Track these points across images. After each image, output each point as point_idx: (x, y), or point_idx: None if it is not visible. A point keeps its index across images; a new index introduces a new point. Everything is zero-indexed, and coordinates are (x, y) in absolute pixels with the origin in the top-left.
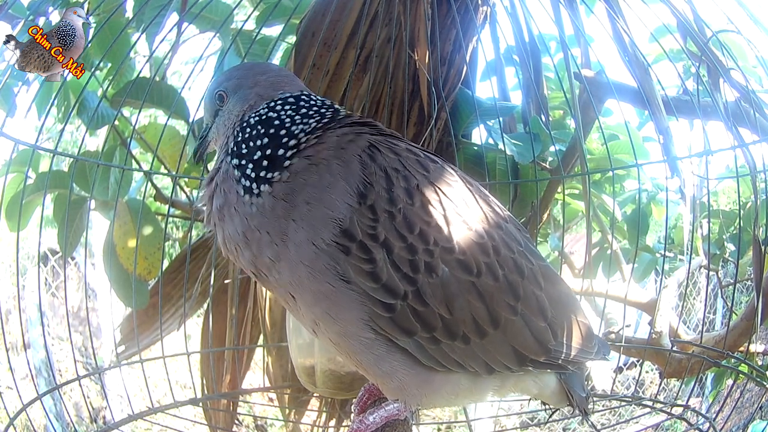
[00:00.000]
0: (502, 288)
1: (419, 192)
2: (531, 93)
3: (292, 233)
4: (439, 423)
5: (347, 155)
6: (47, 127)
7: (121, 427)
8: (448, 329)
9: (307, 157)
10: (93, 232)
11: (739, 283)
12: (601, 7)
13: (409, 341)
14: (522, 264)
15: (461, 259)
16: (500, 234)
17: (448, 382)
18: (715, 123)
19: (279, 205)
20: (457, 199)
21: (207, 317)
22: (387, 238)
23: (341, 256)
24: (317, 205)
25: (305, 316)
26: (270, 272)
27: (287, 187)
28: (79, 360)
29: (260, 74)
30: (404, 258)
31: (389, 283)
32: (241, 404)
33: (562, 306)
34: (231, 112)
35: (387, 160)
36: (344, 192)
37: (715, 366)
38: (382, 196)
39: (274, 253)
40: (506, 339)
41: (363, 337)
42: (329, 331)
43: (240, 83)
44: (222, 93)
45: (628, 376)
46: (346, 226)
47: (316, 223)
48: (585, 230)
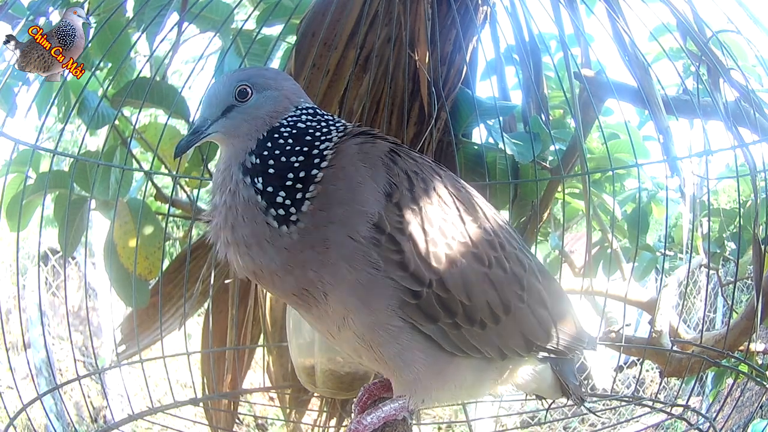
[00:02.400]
0: (510, 279)
1: (436, 193)
2: (531, 92)
3: (332, 235)
4: (439, 423)
5: (371, 159)
6: (47, 127)
7: (121, 426)
8: (467, 315)
9: (332, 166)
10: (93, 231)
11: (739, 282)
12: (601, 7)
13: (433, 327)
14: (523, 259)
15: (475, 252)
16: (503, 232)
17: (457, 371)
18: (715, 123)
19: (317, 216)
20: (466, 201)
21: (207, 317)
22: (412, 231)
23: (374, 247)
24: (351, 204)
25: (334, 313)
26: (314, 287)
27: (322, 197)
28: (79, 360)
29: (285, 80)
30: (428, 249)
31: (416, 272)
32: (242, 404)
33: (557, 297)
34: (257, 111)
35: (407, 164)
36: (373, 190)
37: (715, 365)
38: (405, 195)
39: (318, 263)
40: (516, 325)
41: (391, 325)
42: (359, 322)
43: (268, 83)
44: (247, 88)
45: (628, 375)
46: (376, 220)
47: (352, 219)
48: (585, 229)
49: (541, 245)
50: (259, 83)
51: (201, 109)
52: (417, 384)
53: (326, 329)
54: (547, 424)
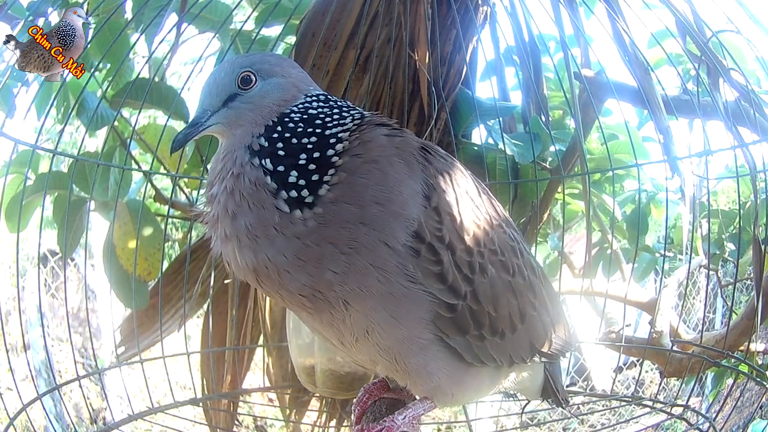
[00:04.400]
0: (527, 286)
1: (468, 196)
2: (531, 93)
3: (362, 237)
4: (439, 423)
5: (405, 155)
6: (47, 128)
7: (121, 427)
8: (492, 326)
9: (358, 155)
10: (93, 233)
11: (738, 283)
12: (601, 8)
13: (461, 340)
14: (534, 264)
15: (502, 260)
16: (518, 236)
17: (475, 379)
18: (715, 123)
19: (341, 209)
20: (491, 204)
21: (207, 317)
22: (451, 240)
23: (411, 258)
24: (388, 204)
25: (354, 324)
26: (331, 291)
27: (348, 188)
28: (78, 361)
29: (292, 67)
30: (464, 260)
31: (454, 284)
32: (242, 404)
33: (555, 301)
34: (263, 100)
35: (441, 163)
36: (413, 192)
37: (715, 365)
38: (443, 198)
39: (339, 265)
40: (527, 333)
41: (421, 338)
42: (385, 336)
43: (273, 70)
44: (250, 74)
45: (628, 376)
46: (416, 227)
47: (388, 223)
48: (585, 230)
49: (541, 246)
50: (264, 69)
51: (200, 99)
52: (438, 390)
53: (337, 338)
54: (547, 425)
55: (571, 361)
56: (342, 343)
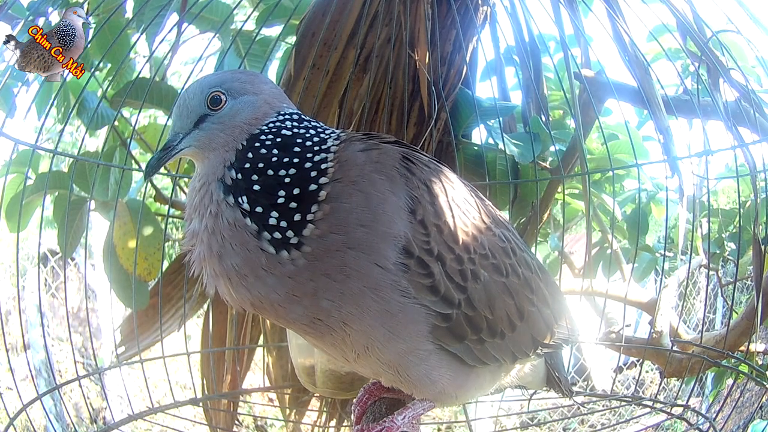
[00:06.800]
0: (523, 284)
1: (455, 203)
2: (531, 93)
3: (352, 262)
4: (439, 423)
5: (385, 169)
6: (47, 128)
7: (121, 427)
8: (491, 328)
9: (338, 180)
10: (93, 232)
11: (739, 283)
12: (601, 7)
13: (460, 346)
14: (529, 260)
15: (494, 263)
16: (510, 234)
17: (477, 378)
18: (715, 123)
19: (329, 240)
20: (479, 207)
21: (207, 317)
22: (440, 251)
23: (403, 274)
24: (374, 225)
25: (355, 342)
26: (328, 317)
27: (332, 218)
28: (78, 360)
29: (263, 83)
30: (455, 269)
31: (446, 295)
32: (242, 404)
33: (555, 292)
34: (233, 119)
35: (424, 172)
36: (397, 208)
37: (715, 366)
38: (428, 210)
39: (334, 293)
40: (528, 329)
41: (421, 350)
42: (386, 350)
43: (244, 87)
44: (219, 94)
45: (628, 376)
46: (404, 243)
47: (376, 244)
48: (585, 230)
49: (541, 246)
50: (233, 88)
51: (172, 122)
52: (441, 394)
53: (342, 356)
54: (547, 425)
55: (571, 361)
56: (345, 359)
